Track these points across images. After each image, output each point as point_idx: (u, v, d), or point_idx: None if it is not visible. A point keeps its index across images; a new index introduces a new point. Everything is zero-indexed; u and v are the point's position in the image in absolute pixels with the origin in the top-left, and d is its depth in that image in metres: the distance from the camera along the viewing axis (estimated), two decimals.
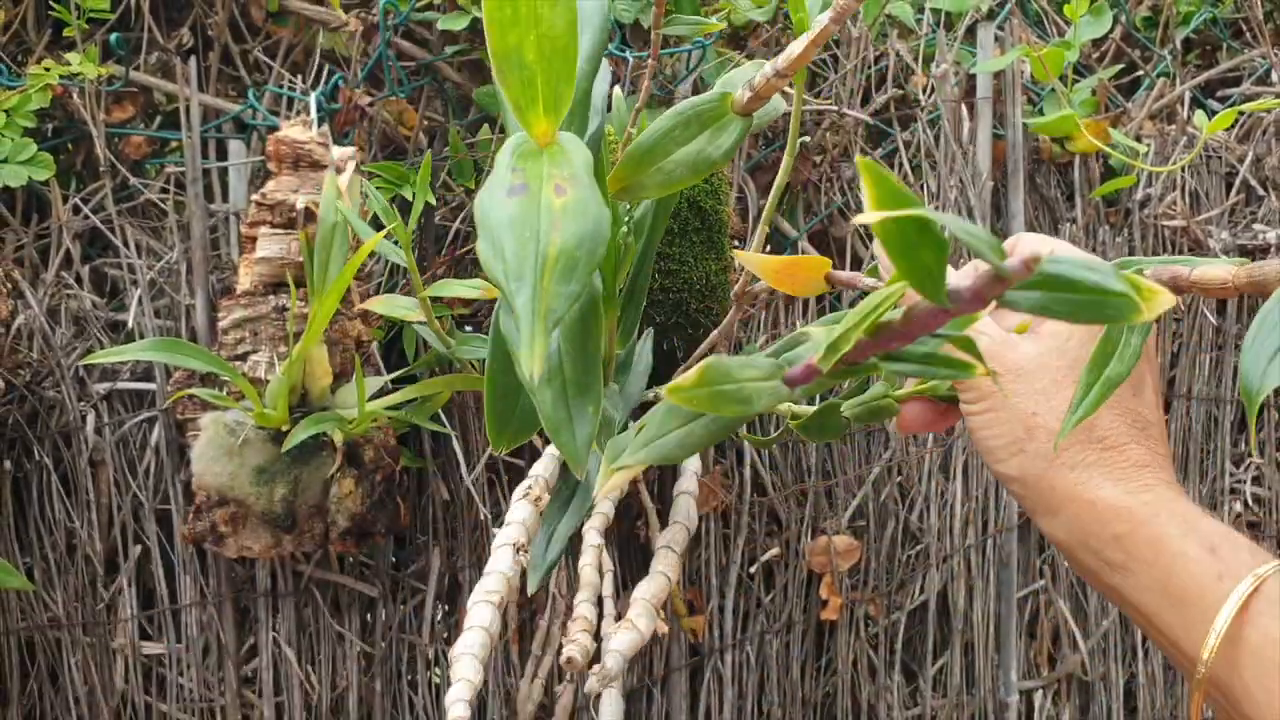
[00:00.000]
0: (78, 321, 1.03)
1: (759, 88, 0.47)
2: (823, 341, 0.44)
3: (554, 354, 0.44)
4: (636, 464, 0.50)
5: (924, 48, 1.23)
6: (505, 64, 0.38)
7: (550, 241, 0.36)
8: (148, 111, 1.11)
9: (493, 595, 0.48)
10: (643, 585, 0.53)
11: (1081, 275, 0.35)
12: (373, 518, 0.94)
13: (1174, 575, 0.40)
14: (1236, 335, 1.32)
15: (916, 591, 1.19)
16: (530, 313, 0.36)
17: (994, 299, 0.37)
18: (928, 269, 0.38)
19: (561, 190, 0.38)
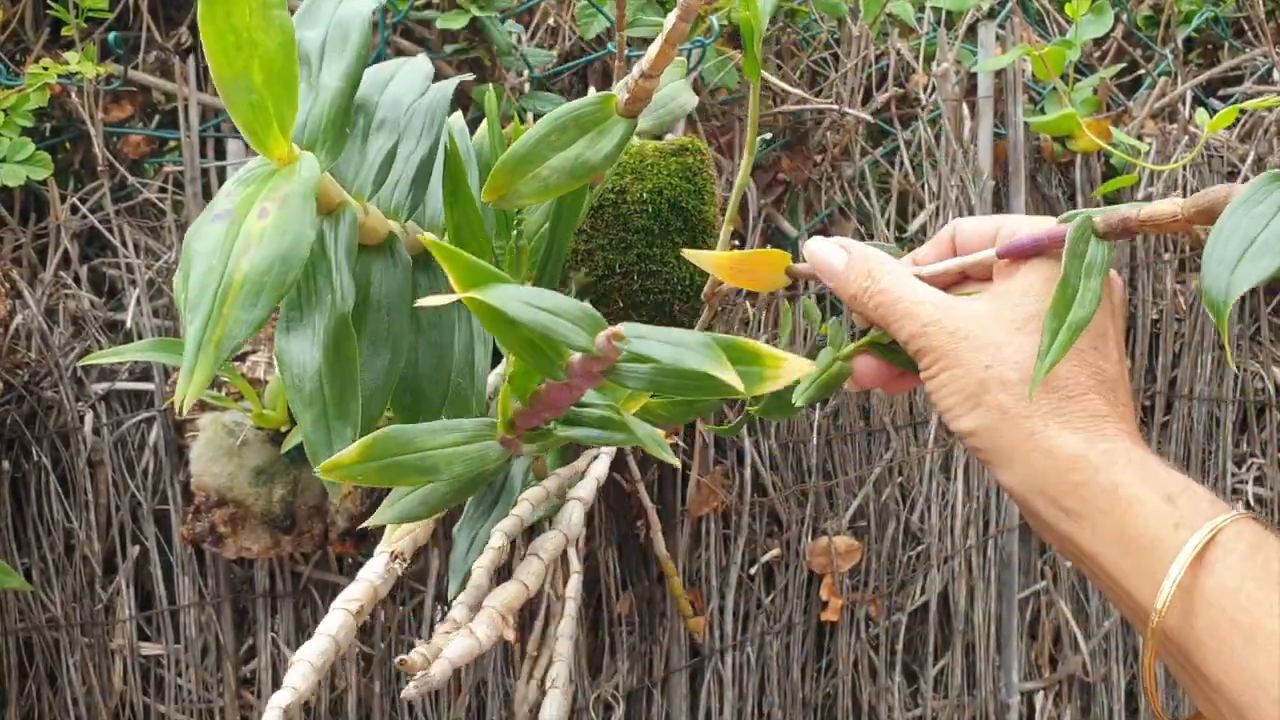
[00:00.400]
0: (76, 321, 1.03)
1: (633, 90, 0.47)
2: None
3: (315, 376, 0.43)
4: (385, 522, 0.50)
5: (925, 46, 1.23)
6: (234, 90, 0.38)
7: (238, 267, 0.36)
8: (146, 110, 1.11)
9: (351, 603, 0.47)
10: (496, 592, 0.52)
11: (663, 353, 0.35)
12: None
13: (1129, 523, 0.40)
14: (1237, 335, 1.32)
15: (917, 592, 1.19)
16: (197, 342, 0.35)
17: (602, 373, 0.38)
18: (534, 345, 0.38)
19: (265, 213, 0.37)
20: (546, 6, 1.13)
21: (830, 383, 0.55)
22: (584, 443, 0.49)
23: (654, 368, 0.37)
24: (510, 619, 0.50)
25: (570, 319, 0.35)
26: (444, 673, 0.44)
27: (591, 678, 1.08)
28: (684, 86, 0.57)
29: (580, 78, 1.13)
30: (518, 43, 1.10)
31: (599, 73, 1.13)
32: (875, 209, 1.19)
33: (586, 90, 1.13)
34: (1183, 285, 1.31)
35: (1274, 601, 0.36)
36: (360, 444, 0.43)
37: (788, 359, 0.36)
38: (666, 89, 0.60)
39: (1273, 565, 0.37)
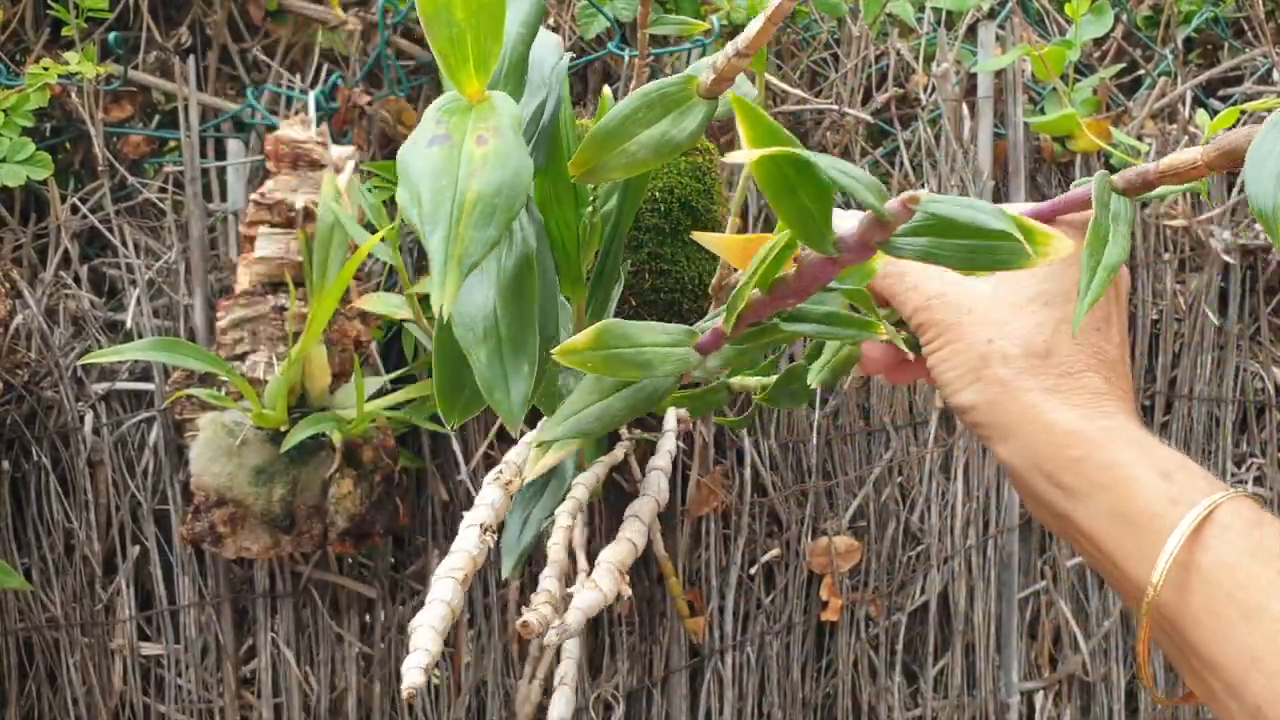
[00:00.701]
0: (76, 321, 1.03)
1: (721, 69, 0.47)
2: None
3: (490, 313, 0.44)
4: (555, 439, 0.50)
5: (925, 46, 1.23)
6: (434, 23, 0.39)
7: (468, 187, 0.37)
8: (146, 111, 1.11)
9: (456, 572, 0.48)
10: (608, 550, 0.53)
11: (962, 215, 0.35)
12: (371, 518, 0.94)
13: (1127, 500, 0.40)
14: (1238, 335, 1.32)
15: (917, 592, 1.19)
16: (443, 254, 0.36)
17: (879, 245, 0.37)
18: (809, 214, 0.37)
19: (484, 140, 0.38)
20: (546, 6, 1.13)
21: (841, 366, 0.55)
22: (811, 337, 0.49)
23: (932, 240, 0.37)
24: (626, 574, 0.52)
25: (865, 183, 0.35)
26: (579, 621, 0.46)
27: (591, 678, 1.08)
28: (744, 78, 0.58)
29: (580, 77, 1.13)
30: None
31: (599, 72, 1.13)
32: None
33: (586, 89, 1.13)
34: (1182, 285, 1.31)
35: (1270, 577, 0.36)
36: (592, 330, 0.45)
37: (1056, 235, 0.36)
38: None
39: (1270, 542, 0.37)
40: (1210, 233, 1.29)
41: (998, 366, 0.44)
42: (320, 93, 1.02)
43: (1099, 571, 0.43)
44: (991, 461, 1.20)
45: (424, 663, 0.42)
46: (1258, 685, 0.35)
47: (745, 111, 0.35)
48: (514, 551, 0.61)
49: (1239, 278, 1.31)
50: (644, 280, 0.88)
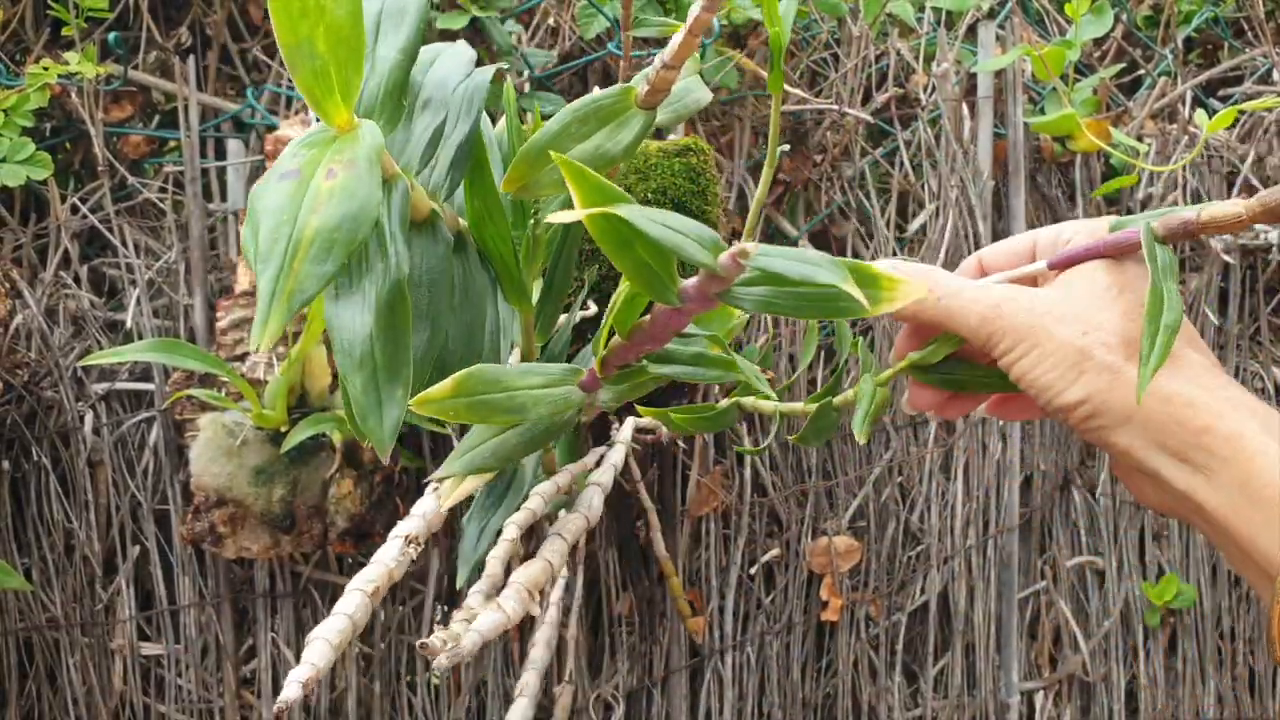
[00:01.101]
0: (76, 321, 1.03)
1: (654, 81, 0.47)
2: None
3: (366, 339, 0.44)
4: (453, 474, 0.50)
5: (925, 47, 1.23)
6: (297, 56, 0.39)
7: (308, 223, 0.37)
8: (146, 111, 1.11)
9: (368, 584, 0.47)
10: (521, 569, 0.52)
11: (793, 270, 0.35)
12: (371, 518, 0.94)
13: (1254, 473, 0.40)
14: (1237, 335, 1.32)
15: (917, 592, 1.19)
16: (270, 292, 0.36)
17: (718, 296, 0.37)
18: (648, 267, 0.38)
19: (333, 174, 0.38)
20: (546, 6, 1.13)
21: (879, 411, 0.55)
22: (677, 379, 0.49)
23: (771, 289, 0.37)
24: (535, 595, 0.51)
25: (693, 237, 0.35)
26: (474, 644, 0.45)
27: (591, 678, 1.08)
28: (698, 82, 0.57)
29: (580, 78, 1.13)
30: (518, 43, 1.10)
31: (599, 73, 1.13)
32: (875, 209, 1.19)
33: (587, 90, 1.13)
34: (1183, 285, 1.31)
35: None
36: (453, 379, 0.44)
37: (904, 280, 0.36)
38: (682, 83, 0.60)
39: None
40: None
41: (1102, 355, 0.43)
42: None
43: (1222, 549, 0.43)
44: (991, 461, 1.20)
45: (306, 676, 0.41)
46: None
47: (571, 171, 0.36)
48: (469, 561, 0.60)
49: (1239, 278, 1.31)
50: None
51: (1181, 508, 0.43)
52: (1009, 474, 1.20)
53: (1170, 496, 0.43)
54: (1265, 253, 1.31)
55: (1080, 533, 1.24)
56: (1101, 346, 0.43)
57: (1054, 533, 1.26)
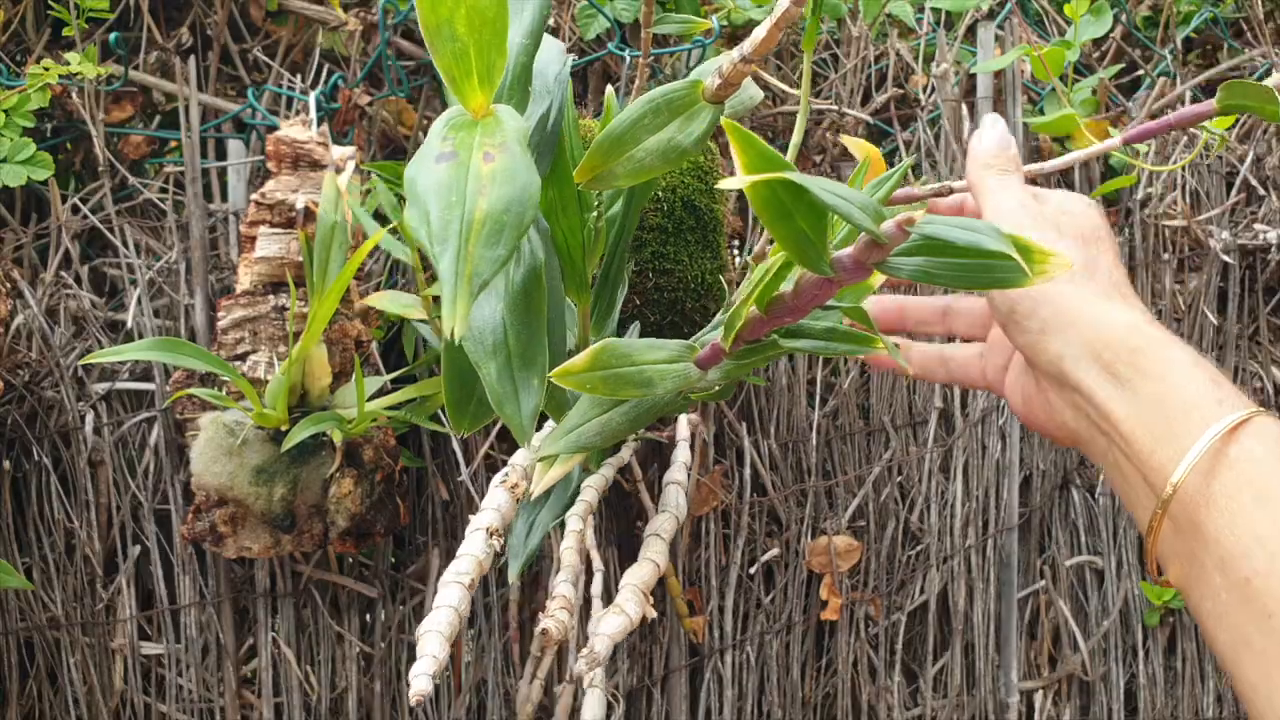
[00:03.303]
0: (77, 321, 1.03)
1: (727, 74, 0.47)
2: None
3: (499, 327, 0.44)
4: (557, 453, 0.50)
5: (924, 47, 1.23)
6: (437, 38, 0.38)
7: (476, 205, 0.36)
8: (147, 111, 1.11)
9: (463, 577, 0.48)
10: (631, 571, 0.53)
11: (959, 237, 0.35)
12: (372, 518, 0.94)
13: (1176, 391, 0.42)
14: (1237, 335, 1.32)
15: (917, 592, 1.19)
16: (453, 274, 0.36)
17: (875, 265, 0.37)
18: (805, 237, 0.37)
19: (490, 157, 0.38)
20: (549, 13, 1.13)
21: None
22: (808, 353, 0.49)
23: (928, 259, 0.37)
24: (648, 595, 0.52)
25: (859, 205, 0.35)
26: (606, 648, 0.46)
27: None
28: (750, 80, 0.58)
29: (580, 78, 1.14)
30: None
31: (599, 73, 1.14)
32: None
33: (586, 90, 1.13)
34: (1181, 285, 1.31)
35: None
36: (588, 352, 0.44)
37: (1054, 253, 0.36)
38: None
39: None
40: (1209, 233, 1.29)
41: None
42: (321, 93, 1.02)
43: (1115, 471, 0.44)
44: (991, 461, 1.20)
45: (431, 669, 0.42)
46: (1256, 562, 0.37)
47: (739, 137, 0.36)
48: (521, 555, 0.61)
49: (1238, 278, 1.31)
50: (647, 280, 0.88)
51: (1086, 426, 0.45)
52: (1008, 474, 1.20)
53: (1080, 414, 0.45)
54: (1264, 253, 1.31)
55: (1079, 532, 1.24)
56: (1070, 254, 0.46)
57: (1053, 532, 1.26)
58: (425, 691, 0.40)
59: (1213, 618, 0.39)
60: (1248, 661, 0.38)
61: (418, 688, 0.40)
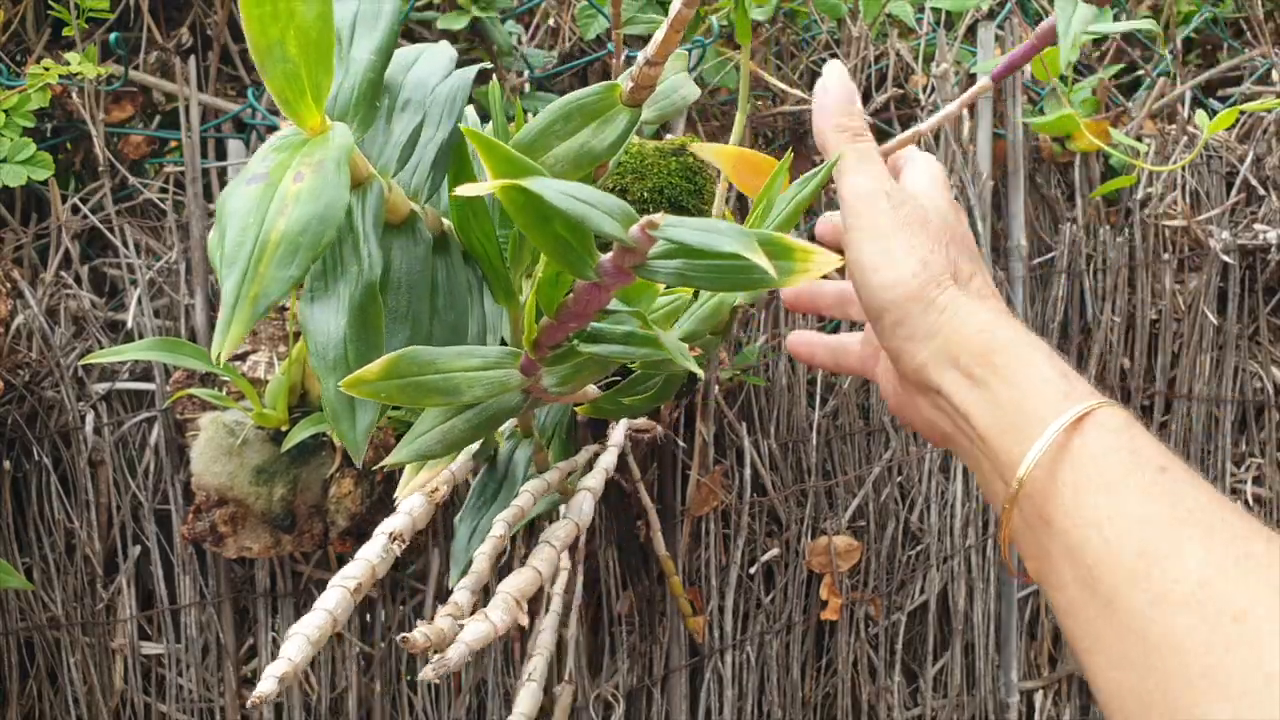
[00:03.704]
0: (77, 321, 1.03)
1: (637, 78, 0.47)
2: None
3: (340, 342, 0.44)
4: (400, 462, 0.50)
5: (924, 47, 1.23)
6: (269, 59, 0.38)
7: (274, 226, 0.36)
8: (147, 111, 1.11)
9: (349, 581, 0.47)
10: (509, 579, 0.52)
11: (698, 240, 0.34)
12: (371, 517, 0.94)
13: (1029, 394, 0.43)
14: (1236, 335, 1.32)
15: (917, 592, 1.19)
16: (234, 296, 0.36)
17: (635, 269, 0.37)
18: (565, 242, 0.37)
19: (300, 177, 0.38)
20: (547, 7, 1.13)
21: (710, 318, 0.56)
22: (609, 359, 0.49)
23: (684, 262, 0.37)
24: (524, 604, 0.50)
25: (604, 209, 0.35)
26: (461, 656, 0.45)
27: (591, 677, 1.08)
28: (686, 79, 0.58)
29: (580, 78, 1.14)
30: (518, 43, 1.11)
31: (599, 73, 1.14)
32: None
33: None
34: (1181, 285, 1.31)
35: (1129, 463, 0.40)
36: (383, 360, 0.43)
37: (817, 252, 0.36)
38: (669, 81, 0.60)
39: (1137, 438, 0.41)
40: (1209, 233, 1.29)
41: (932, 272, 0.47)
42: None
43: (978, 469, 0.46)
44: None
45: (281, 671, 0.41)
46: (1094, 546, 0.38)
47: (481, 143, 0.35)
48: (461, 560, 0.60)
49: (1238, 278, 1.31)
50: None
51: (948, 426, 0.47)
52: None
53: (942, 414, 0.47)
54: (1264, 253, 1.31)
55: None
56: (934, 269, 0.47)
57: None
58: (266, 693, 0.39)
59: (1064, 611, 0.40)
60: (1092, 650, 0.39)
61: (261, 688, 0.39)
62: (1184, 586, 0.36)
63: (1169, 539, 0.37)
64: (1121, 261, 1.28)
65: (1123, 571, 0.37)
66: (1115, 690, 0.37)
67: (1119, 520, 0.38)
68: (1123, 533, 0.38)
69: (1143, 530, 0.38)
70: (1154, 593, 0.36)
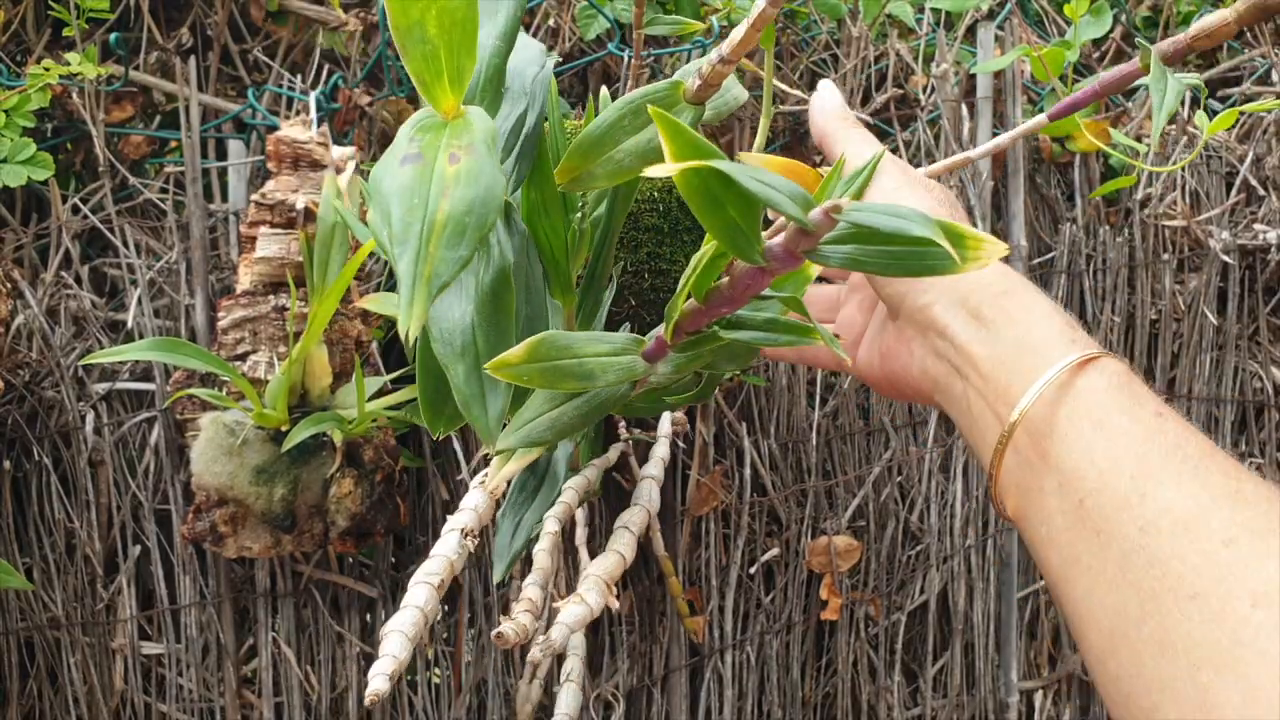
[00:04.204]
0: (77, 321, 1.03)
1: (706, 75, 0.47)
2: None
3: (468, 329, 0.44)
4: (509, 448, 0.50)
5: (924, 47, 1.23)
6: (408, 39, 0.39)
7: (439, 207, 0.37)
8: (147, 111, 1.11)
9: (432, 577, 0.48)
10: (596, 563, 0.53)
11: (886, 224, 0.35)
12: (372, 518, 0.94)
13: (1034, 331, 0.44)
14: (1236, 335, 1.32)
15: (917, 592, 1.19)
16: (411, 275, 0.36)
17: (805, 253, 0.37)
18: (736, 226, 0.37)
19: (456, 158, 0.38)
20: (547, 7, 1.13)
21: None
22: (749, 345, 0.49)
23: (858, 247, 0.37)
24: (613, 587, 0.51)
25: (786, 192, 0.35)
26: (563, 637, 0.45)
27: (591, 677, 1.08)
28: (735, 80, 0.58)
29: (580, 78, 1.14)
30: None
31: (599, 73, 1.14)
32: None
33: (587, 91, 1.13)
34: (1181, 285, 1.31)
35: (1127, 402, 0.41)
36: (526, 344, 0.44)
37: (987, 240, 0.36)
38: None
39: (1136, 386, 0.43)
40: (1209, 233, 1.29)
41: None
42: (321, 93, 1.02)
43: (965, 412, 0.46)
44: None
45: (390, 669, 0.42)
46: (1089, 480, 0.40)
47: (666, 125, 0.36)
48: (505, 556, 0.61)
49: (1238, 278, 1.31)
50: (643, 280, 0.88)
51: (942, 369, 0.48)
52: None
53: (939, 358, 0.48)
54: (1264, 253, 1.31)
55: None
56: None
57: None
58: (381, 691, 0.40)
59: (1046, 542, 0.42)
60: (1074, 577, 0.40)
61: (374, 687, 0.40)
62: (1175, 515, 0.37)
63: (1162, 471, 0.38)
64: (1121, 262, 1.28)
65: (1116, 500, 0.39)
66: (1100, 612, 0.39)
67: (1115, 452, 0.40)
68: (1117, 463, 0.39)
69: (1138, 464, 0.39)
70: (1145, 520, 0.38)
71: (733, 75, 0.58)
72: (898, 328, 0.50)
